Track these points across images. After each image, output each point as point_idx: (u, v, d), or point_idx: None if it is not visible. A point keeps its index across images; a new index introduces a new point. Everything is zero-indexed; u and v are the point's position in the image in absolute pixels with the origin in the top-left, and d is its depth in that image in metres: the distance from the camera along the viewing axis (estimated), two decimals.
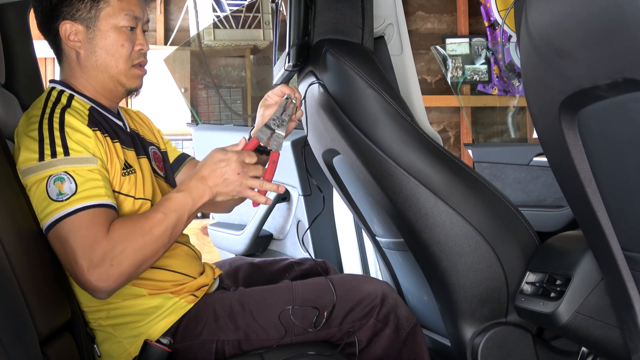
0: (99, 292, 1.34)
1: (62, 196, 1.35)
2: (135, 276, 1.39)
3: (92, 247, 1.33)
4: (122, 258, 1.34)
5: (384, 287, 1.61)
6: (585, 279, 1.37)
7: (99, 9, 1.49)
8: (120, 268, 1.33)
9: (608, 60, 0.92)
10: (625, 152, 1.02)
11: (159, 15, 4.98)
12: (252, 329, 1.52)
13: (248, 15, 4.57)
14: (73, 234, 1.33)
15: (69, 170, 1.37)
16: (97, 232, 1.34)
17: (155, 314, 1.50)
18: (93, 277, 1.32)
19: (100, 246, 1.33)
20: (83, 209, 1.35)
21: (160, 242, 1.38)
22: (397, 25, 1.90)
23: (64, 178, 1.36)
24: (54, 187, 1.36)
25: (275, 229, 2.73)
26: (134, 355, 1.46)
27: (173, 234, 1.40)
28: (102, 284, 1.33)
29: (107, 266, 1.32)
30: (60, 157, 1.38)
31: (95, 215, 1.36)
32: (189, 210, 1.42)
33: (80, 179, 1.37)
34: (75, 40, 1.50)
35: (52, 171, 1.37)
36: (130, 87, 1.55)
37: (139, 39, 1.54)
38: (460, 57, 5.08)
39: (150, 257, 1.38)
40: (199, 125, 3.30)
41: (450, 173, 1.58)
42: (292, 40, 1.72)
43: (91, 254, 1.32)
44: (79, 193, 1.36)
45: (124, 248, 1.34)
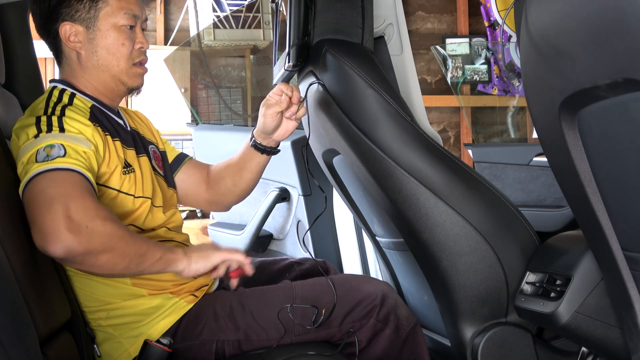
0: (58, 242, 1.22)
1: (48, 157, 1.29)
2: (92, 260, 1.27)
3: (76, 200, 1.24)
4: (101, 229, 1.25)
5: (384, 287, 1.61)
6: (585, 279, 1.37)
7: (98, 9, 1.49)
8: (92, 235, 1.24)
9: (608, 60, 0.92)
10: (625, 152, 1.02)
11: (159, 15, 4.98)
12: (252, 329, 1.52)
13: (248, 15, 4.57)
14: (57, 184, 1.25)
15: (61, 141, 1.33)
16: (85, 193, 1.26)
17: (155, 314, 1.50)
18: (63, 224, 1.21)
19: (85, 204, 1.24)
20: (69, 170, 1.29)
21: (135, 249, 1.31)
22: (397, 25, 1.90)
23: (54, 145, 1.31)
24: (43, 153, 1.30)
25: (275, 229, 2.73)
26: (134, 356, 1.46)
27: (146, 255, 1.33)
28: (68, 235, 1.22)
29: (83, 224, 1.23)
30: (55, 132, 1.35)
31: (79, 180, 1.29)
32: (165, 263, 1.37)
33: (70, 150, 1.32)
34: (76, 41, 1.50)
35: (45, 142, 1.33)
36: (132, 85, 1.55)
37: (139, 38, 1.54)
38: (460, 57, 5.08)
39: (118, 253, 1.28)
40: (199, 125, 3.30)
41: (450, 173, 1.58)
42: (292, 40, 1.72)
43: (74, 206, 1.23)
44: (66, 157, 1.30)
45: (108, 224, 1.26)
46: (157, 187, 1.58)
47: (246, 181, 1.75)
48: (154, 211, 1.54)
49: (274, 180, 2.65)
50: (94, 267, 1.29)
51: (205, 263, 1.42)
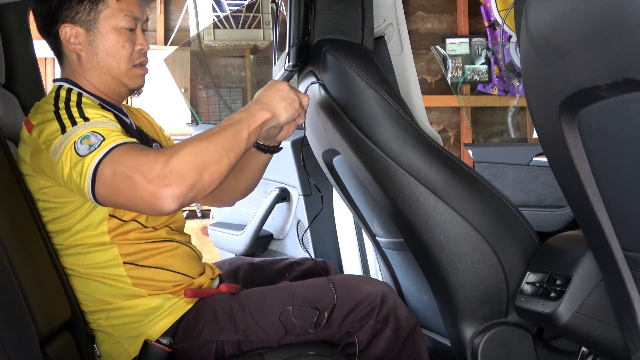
0: (168, 199, 1.25)
1: (92, 147, 1.31)
2: (201, 187, 1.28)
3: (141, 162, 1.26)
4: (179, 162, 1.26)
5: (384, 288, 1.61)
6: (585, 279, 1.37)
7: (98, 11, 1.50)
8: (180, 172, 1.25)
9: (608, 60, 0.92)
10: (626, 152, 1.02)
11: (159, 15, 4.98)
12: (251, 329, 1.52)
13: (248, 15, 4.57)
14: (116, 165, 1.28)
15: (92, 129, 1.34)
16: (141, 151, 1.29)
17: (155, 315, 1.50)
18: (155, 185, 1.24)
19: (149, 158, 1.27)
20: (117, 147, 1.31)
21: (220, 148, 1.31)
22: (397, 25, 1.90)
23: (89, 135, 1.33)
24: (83, 146, 1.32)
25: (275, 229, 2.73)
26: (134, 356, 1.46)
27: (233, 144, 1.33)
28: (164, 190, 1.24)
29: (165, 172, 1.24)
30: (80, 122, 1.36)
31: (133, 145, 1.32)
32: (247, 125, 1.37)
33: (105, 132, 1.34)
34: (76, 42, 1.51)
35: (77, 135, 1.34)
36: (133, 86, 1.56)
37: (139, 39, 1.54)
38: (460, 57, 5.08)
39: (213, 163, 1.29)
40: (199, 125, 3.30)
41: (450, 173, 1.58)
42: (292, 40, 1.72)
43: (142, 168, 1.25)
44: (108, 139, 1.32)
45: (178, 152, 1.27)
46: None
47: (248, 179, 1.77)
48: None
49: (274, 180, 2.65)
50: (210, 188, 1.30)
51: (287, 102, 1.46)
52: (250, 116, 1.39)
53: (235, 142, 1.34)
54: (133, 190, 1.26)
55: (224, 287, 1.57)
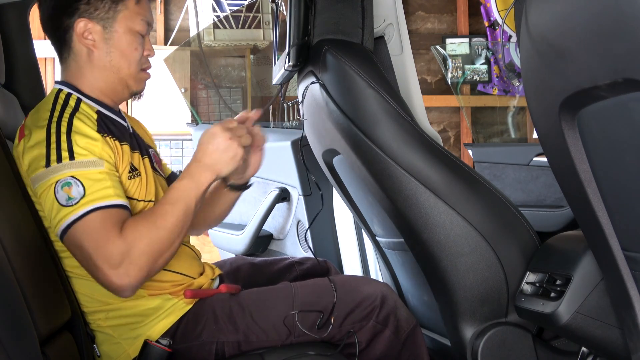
0: (123, 290, 1.35)
1: (71, 200, 1.35)
2: (155, 270, 1.39)
3: (107, 247, 1.33)
4: (139, 254, 1.34)
5: (384, 289, 1.61)
6: (585, 279, 1.37)
7: (117, 11, 1.51)
8: (138, 264, 1.34)
9: (608, 60, 0.92)
10: (626, 152, 1.02)
11: (159, 15, 4.98)
12: (251, 330, 1.52)
13: (248, 15, 4.57)
14: (86, 237, 1.34)
15: (75, 174, 1.37)
16: (109, 233, 1.34)
17: (154, 315, 1.50)
18: (114, 277, 1.33)
19: (115, 246, 1.33)
20: (93, 211, 1.35)
21: (174, 232, 1.39)
22: (397, 25, 1.90)
23: (71, 182, 1.36)
24: (63, 193, 1.36)
25: (275, 229, 2.73)
26: (133, 356, 1.46)
27: (184, 222, 1.41)
28: (123, 282, 1.33)
29: (125, 265, 1.33)
30: (65, 161, 1.38)
31: (106, 217, 1.36)
32: (195, 196, 1.42)
33: (87, 182, 1.37)
34: (89, 38, 1.51)
35: (59, 176, 1.36)
36: (136, 90, 1.57)
37: (147, 45, 1.57)
38: (460, 57, 5.08)
39: (165, 249, 1.38)
40: (199, 125, 3.30)
41: (450, 173, 1.58)
42: (292, 40, 1.72)
43: (107, 254, 1.33)
44: (87, 196, 1.36)
45: (138, 244, 1.34)
46: (160, 190, 1.58)
47: (217, 215, 1.79)
48: None
49: (274, 180, 2.65)
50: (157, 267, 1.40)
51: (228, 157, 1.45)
52: (195, 184, 1.43)
53: (186, 219, 1.42)
54: (94, 271, 1.35)
55: (224, 287, 1.57)
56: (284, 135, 2.64)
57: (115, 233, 1.34)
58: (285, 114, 4.24)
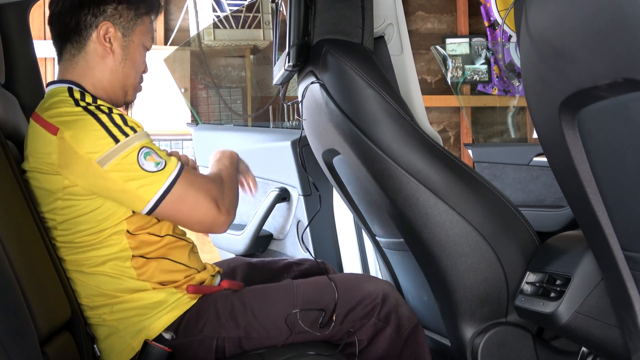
0: (227, 224, 1.52)
1: (159, 165, 1.44)
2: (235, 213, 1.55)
3: (212, 190, 1.50)
4: (231, 194, 1.55)
5: (385, 287, 1.61)
6: (585, 279, 1.37)
7: (136, 24, 1.58)
8: (234, 202, 1.55)
9: (608, 60, 0.92)
10: (625, 152, 1.02)
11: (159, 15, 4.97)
12: (252, 327, 1.52)
13: (248, 15, 4.57)
14: (192, 187, 1.47)
15: (145, 143, 1.45)
16: (206, 179, 1.52)
17: (159, 309, 1.50)
18: (222, 213, 1.49)
19: (216, 188, 1.51)
20: (182, 169, 1.47)
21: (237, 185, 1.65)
22: (397, 25, 1.90)
23: (149, 152, 1.44)
24: (148, 162, 1.43)
25: (275, 229, 2.73)
26: (137, 350, 1.47)
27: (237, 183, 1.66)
28: (229, 216, 1.51)
29: (227, 202, 1.52)
30: (131, 134, 1.44)
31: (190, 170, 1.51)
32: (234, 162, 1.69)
33: (157, 150, 1.47)
34: (109, 42, 1.55)
35: (135, 147, 1.43)
36: (130, 100, 1.65)
37: (146, 62, 1.65)
38: (460, 57, 5.08)
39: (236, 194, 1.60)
40: (199, 125, 3.30)
41: (450, 173, 1.58)
42: (292, 40, 1.72)
43: (214, 195, 1.49)
44: (168, 161, 1.46)
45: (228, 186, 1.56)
46: None
47: None
48: None
49: (274, 180, 2.65)
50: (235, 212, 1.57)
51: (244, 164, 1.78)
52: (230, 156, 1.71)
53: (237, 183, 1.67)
54: (205, 213, 1.48)
55: (226, 283, 1.58)
56: (284, 135, 2.65)
57: (209, 178, 1.54)
58: (285, 114, 4.25)
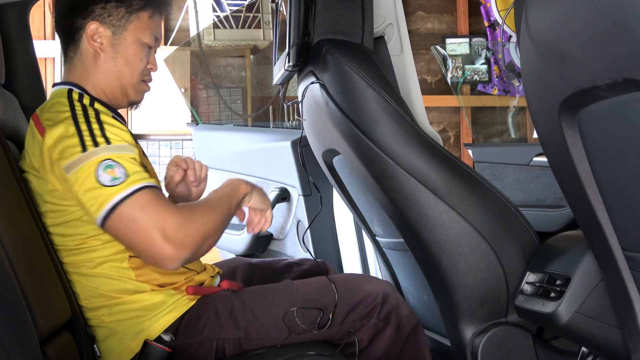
0: (174, 260, 1.34)
1: (116, 180, 1.34)
2: (203, 251, 1.40)
3: (164, 219, 1.33)
4: (194, 227, 1.35)
5: (385, 287, 1.61)
6: (585, 279, 1.37)
7: (130, 21, 1.55)
8: (193, 238, 1.35)
9: (608, 60, 0.92)
10: (625, 152, 1.02)
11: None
12: (252, 327, 1.52)
13: (248, 15, 4.57)
14: (142, 211, 1.33)
15: (114, 156, 1.37)
16: (166, 205, 1.36)
17: (158, 310, 1.50)
18: (169, 246, 1.32)
19: (172, 218, 1.34)
20: (143, 188, 1.35)
21: (222, 220, 1.45)
22: (397, 25, 1.90)
23: (113, 165, 1.36)
24: (106, 175, 1.35)
25: (275, 229, 2.73)
26: (136, 351, 1.46)
27: (226, 219, 1.48)
28: (179, 253, 1.33)
29: (182, 236, 1.33)
30: (102, 145, 1.38)
31: (158, 193, 1.38)
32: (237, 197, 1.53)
33: (127, 164, 1.37)
34: (98, 41, 1.54)
35: (99, 158, 1.36)
36: (134, 100, 1.61)
37: (152, 59, 1.60)
38: (460, 57, 5.07)
39: (213, 233, 1.41)
40: (199, 125, 3.30)
41: (450, 173, 1.58)
42: (292, 40, 1.72)
43: (164, 226, 1.33)
44: (132, 176, 1.36)
45: (194, 218, 1.37)
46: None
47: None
48: None
49: (274, 180, 2.65)
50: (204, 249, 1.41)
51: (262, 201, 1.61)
52: (237, 191, 1.54)
53: (228, 219, 1.50)
54: (147, 242, 1.33)
55: (225, 284, 1.58)
56: (284, 135, 2.65)
57: (171, 205, 1.36)
58: (285, 114, 4.24)
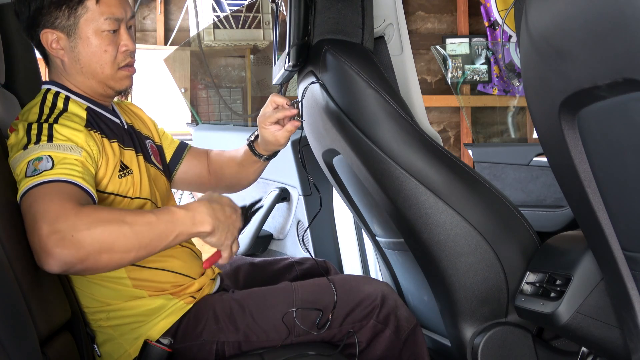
0: (51, 258, 1.19)
1: (36, 172, 1.28)
2: (94, 263, 1.22)
3: (59, 214, 1.21)
4: (87, 234, 1.20)
5: (384, 288, 1.61)
6: (585, 279, 1.37)
7: (78, 16, 1.44)
8: (80, 242, 1.19)
9: (608, 60, 0.92)
10: (625, 153, 1.02)
11: (159, 15, 4.98)
12: (252, 330, 1.52)
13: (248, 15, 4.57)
14: (40, 200, 1.23)
15: (49, 152, 1.31)
16: (66, 203, 1.23)
17: (155, 315, 1.50)
18: (50, 241, 1.18)
19: (67, 216, 1.21)
20: (53, 182, 1.26)
21: (136, 240, 1.24)
22: (397, 25, 1.90)
23: (42, 158, 1.30)
24: (31, 166, 1.29)
25: (275, 229, 2.73)
26: (134, 356, 1.46)
27: (154, 241, 1.27)
28: (55, 250, 1.18)
29: (68, 235, 1.19)
30: (42, 143, 1.33)
31: (66, 189, 1.26)
32: (184, 231, 1.30)
33: (57, 160, 1.30)
34: (58, 48, 1.46)
35: (34, 155, 1.31)
36: (120, 89, 1.52)
37: (123, 40, 1.48)
38: (460, 57, 5.08)
39: (118, 250, 1.23)
40: (199, 125, 3.30)
41: (450, 173, 1.58)
42: (292, 40, 1.72)
43: (55, 220, 1.20)
44: (53, 169, 1.28)
45: (94, 226, 1.21)
46: (156, 187, 1.58)
47: (246, 178, 1.83)
48: None
49: (274, 180, 2.65)
50: (99, 269, 1.26)
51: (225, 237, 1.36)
52: (192, 224, 1.31)
53: (155, 243, 1.27)
54: (31, 233, 1.22)
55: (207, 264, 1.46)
56: None
57: (72, 206, 1.22)
58: None
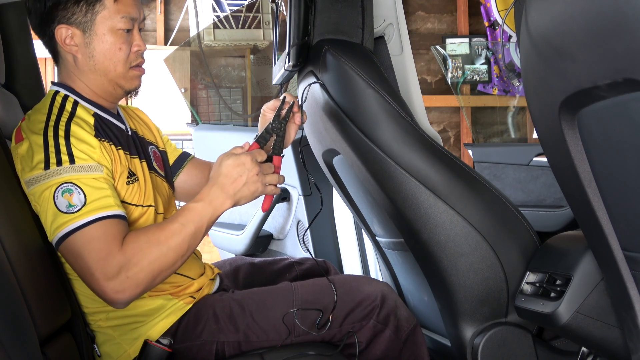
0: (117, 302, 1.35)
1: (72, 208, 1.33)
2: (153, 286, 1.38)
3: (107, 260, 1.32)
4: (138, 270, 1.33)
5: (384, 288, 1.61)
6: (585, 279, 1.37)
7: (95, 13, 1.45)
8: (136, 280, 1.33)
9: (608, 60, 0.92)
10: (625, 153, 1.02)
11: (159, 15, 4.98)
12: (252, 330, 1.52)
13: (248, 15, 4.57)
14: (86, 247, 1.32)
15: (74, 178, 1.35)
16: (110, 245, 1.33)
17: (155, 315, 1.50)
18: (109, 289, 1.32)
19: (114, 259, 1.32)
20: (94, 221, 1.34)
21: (178, 252, 1.37)
22: (397, 25, 1.90)
23: (72, 189, 1.35)
24: (63, 199, 1.34)
25: (275, 229, 2.73)
26: (134, 357, 1.46)
27: (191, 244, 1.39)
28: (118, 295, 1.33)
29: (122, 279, 1.32)
30: (65, 165, 1.36)
31: (108, 227, 1.34)
32: (209, 220, 1.41)
33: (88, 189, 1.35)
34: (72, 44, 1.47)
35: (59, 179, 1.34)
36: (129, 88, 1.53)
37: (136, 40, 1.51)
38: (460, 57, 5.08)
39: (167, 268, 1.37)
40: (199, 125, 3.30)
41: (450, 173, 1.58)
42: (292, 40, 1.72)
43: (106, 267, 1.32)
44: (88, 205, 1.34)
45: (139, 260, 1.33)
46: (158, 193, 1.57)
47: None
48: (158, 219, 1.53)
49: None
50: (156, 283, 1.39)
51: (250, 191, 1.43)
52: (213, 210, 1.40)
53: (194, 242, 1.40)
54: (90, 281, 1.34)
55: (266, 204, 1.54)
56: None
57: (116, 246, 1.33)
58: None
